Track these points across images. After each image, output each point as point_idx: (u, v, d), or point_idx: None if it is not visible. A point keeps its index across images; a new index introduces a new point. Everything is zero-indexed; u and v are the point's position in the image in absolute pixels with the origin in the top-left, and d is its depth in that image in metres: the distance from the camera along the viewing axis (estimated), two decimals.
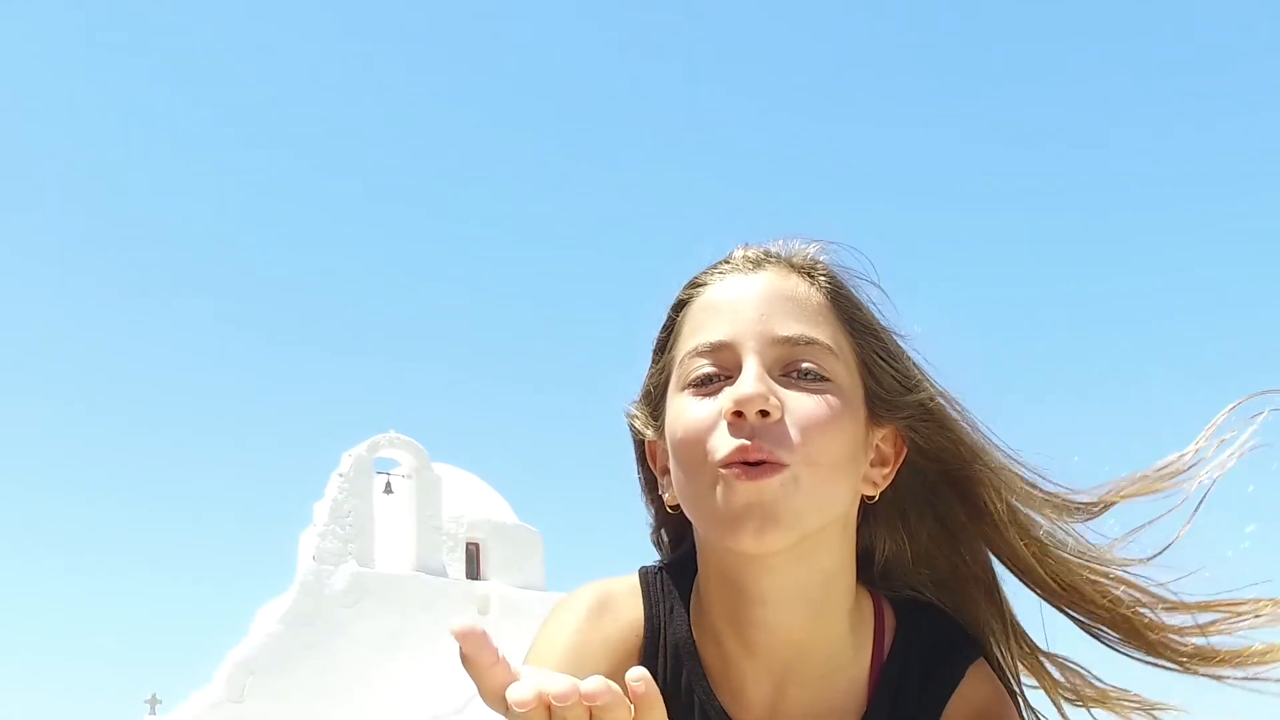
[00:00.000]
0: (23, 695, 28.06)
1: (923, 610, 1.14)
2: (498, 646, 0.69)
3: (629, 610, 1.13)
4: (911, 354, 1.11)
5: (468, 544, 18.56)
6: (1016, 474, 1.11)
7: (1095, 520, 1.13)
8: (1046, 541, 1.11)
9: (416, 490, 17.86)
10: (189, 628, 30.05)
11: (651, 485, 1.16)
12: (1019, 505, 1.11)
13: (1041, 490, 1.12)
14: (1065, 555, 1.11)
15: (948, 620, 1.14)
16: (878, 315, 1.10)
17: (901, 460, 1.10)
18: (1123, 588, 1.11)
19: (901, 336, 1.11)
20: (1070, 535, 1.12)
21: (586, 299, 35.51)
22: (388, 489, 17.72)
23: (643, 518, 1.22)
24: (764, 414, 0.98)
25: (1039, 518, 1.11)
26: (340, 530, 17.15)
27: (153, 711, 17.21)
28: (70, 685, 28.18)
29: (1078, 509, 1.12)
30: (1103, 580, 1.11)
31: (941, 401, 1.09)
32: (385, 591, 16.98)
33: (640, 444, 1.15)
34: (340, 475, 17.35)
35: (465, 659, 0.68)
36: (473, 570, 18.49)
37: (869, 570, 1.16)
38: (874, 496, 1.09)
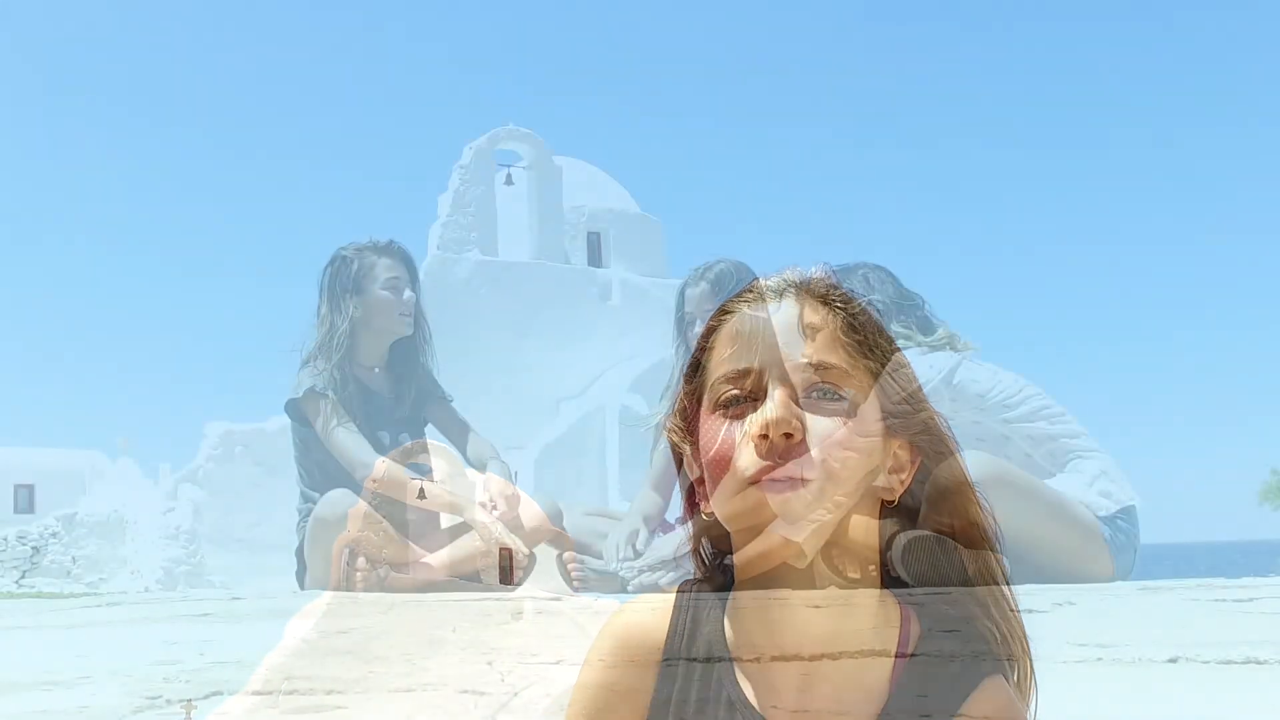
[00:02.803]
0: None
1: (948, 622, 1.19)
2: None
3: (657, 628, 1.23)
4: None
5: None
6: (980, 498, 1.20)
7: None
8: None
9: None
10: None
11: (691, 491, 1.24)
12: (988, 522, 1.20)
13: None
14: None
15: (972, 634, 1.19)
16: (887, 336, 1.18)
17: (917, 465, 1.18)
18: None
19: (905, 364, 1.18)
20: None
21: None
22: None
23: None
24: (787, 435, 1.07)
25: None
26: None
27: None
28: None
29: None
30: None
31: (938, 418, 1.18)
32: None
33: (679, 456, 1.24)
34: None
35: None
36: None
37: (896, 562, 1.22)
38: (894, 501, 1.17)
